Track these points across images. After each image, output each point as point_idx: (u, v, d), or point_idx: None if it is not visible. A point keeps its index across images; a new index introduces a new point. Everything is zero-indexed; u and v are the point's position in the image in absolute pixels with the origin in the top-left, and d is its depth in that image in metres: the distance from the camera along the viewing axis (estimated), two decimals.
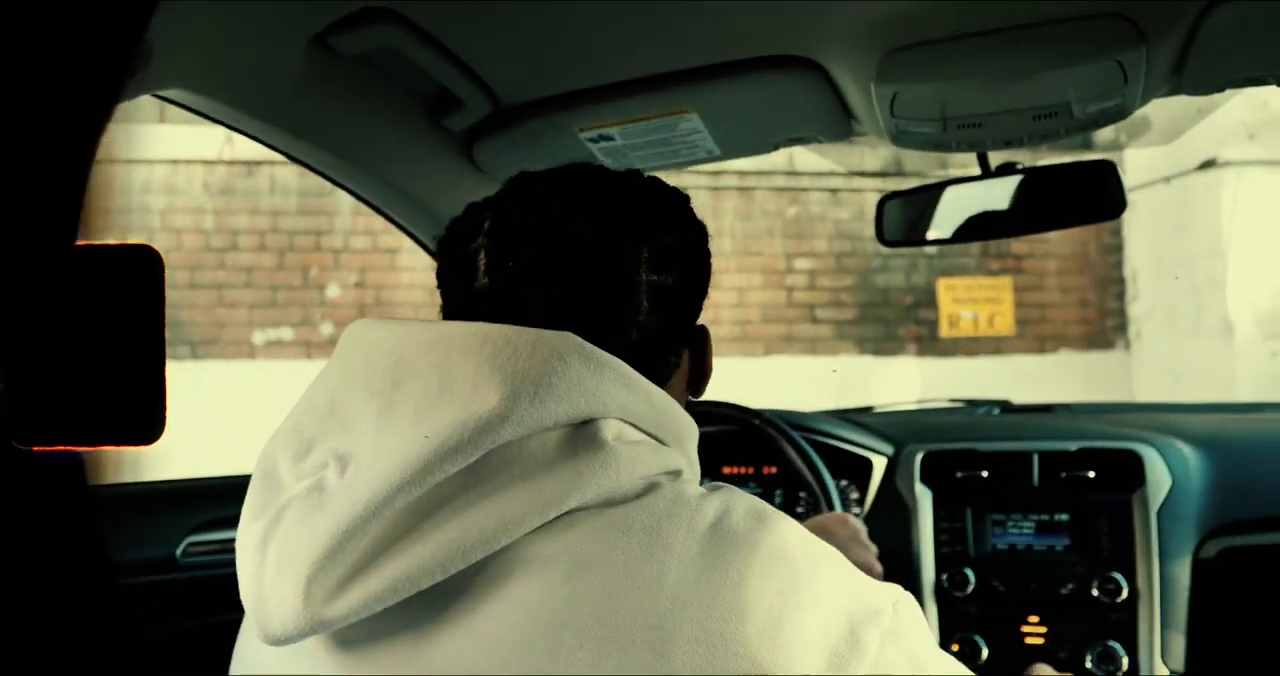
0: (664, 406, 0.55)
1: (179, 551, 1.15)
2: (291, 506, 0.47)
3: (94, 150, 0.33)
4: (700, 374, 0.64)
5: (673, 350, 0.60)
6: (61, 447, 0.32)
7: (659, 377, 0.57)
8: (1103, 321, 4.96)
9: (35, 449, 0.31)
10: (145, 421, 0.32)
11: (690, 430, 0.58)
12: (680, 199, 0.62)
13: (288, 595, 0.45)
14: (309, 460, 0.50)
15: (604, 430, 0.50)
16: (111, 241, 0.32)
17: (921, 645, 0.49)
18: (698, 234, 0.62)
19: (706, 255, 0.62)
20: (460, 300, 0.57)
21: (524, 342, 0.49)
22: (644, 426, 0.53)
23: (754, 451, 1.43)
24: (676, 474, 0.54)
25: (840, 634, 0.46)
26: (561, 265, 0.55)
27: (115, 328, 0.32)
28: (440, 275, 0.60)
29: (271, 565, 0.46)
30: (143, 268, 0.32)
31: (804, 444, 1.26)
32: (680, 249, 0.59)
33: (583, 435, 0.49)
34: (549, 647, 0.44)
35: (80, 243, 0.32)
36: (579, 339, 0.51)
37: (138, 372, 0.32)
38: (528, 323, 0.52)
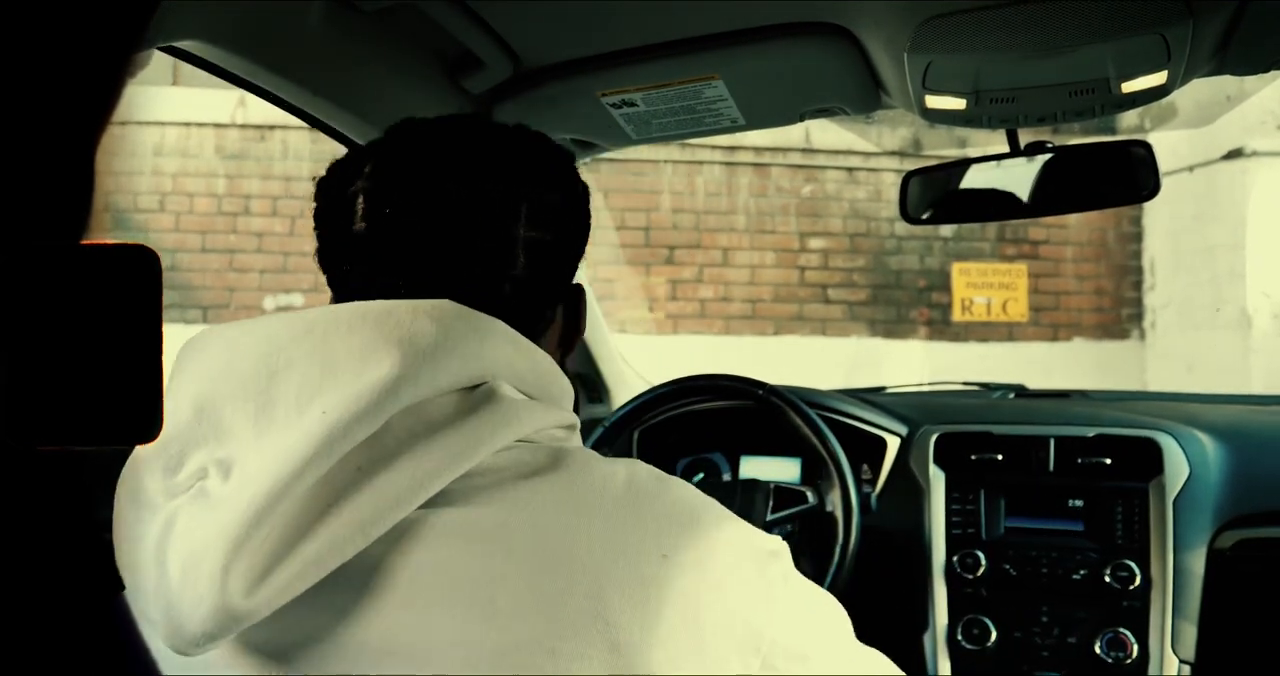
0: (547, 367, 0.56)
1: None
2: (180, 513, 0.45)
3: (95, 148, 0.32)
4: (573, 330, 0.64)
5: (548, 306, 0.60)
6: (60, 447, 0.32)
7: (533, 333, 0.57)
8: (1118, 310, 4.92)
9: (33, 448, 0.31)
10: (144, 420, 0.32)
11: (569, 392, 0.58)
12: (565, 156, 0.62)
13: (203, 592, 0.42)
14: (183, 473, 0.47)
15: (497, 389, 0.50)
16: (109, 240, 0.32)
17: (808, 583, 0.54)
18: (580, 192, 0.62)
19: (587, 215, 0.63)
20: (336, 242, 0.57)
21: (405, 312, 0.49)
22: (526, 388, 0.53)
23: (765, 433, 1.41)
24: (572, 428, 0.55)
25: (750, 571, 0.50)
26: (440, 215, 0.55)
27: (113, 327, 0.32)
28: (317, 215, 0.59)
29: (175, 569, 0.44)
30: (140, 267, 0.32)
31: (811, 413, 1.25)
32: (561, 206, 0.59)
33: (478, 395, 0.50)
34: (484, 612, 0.44)
35: (77, 241, 0.32)
36: (458, 304, 0.51)
37: (136, 372, 0.32)
38: (402, 269, 0.54)
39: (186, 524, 0.45)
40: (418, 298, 0.51)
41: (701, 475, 1.50)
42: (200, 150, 4.34)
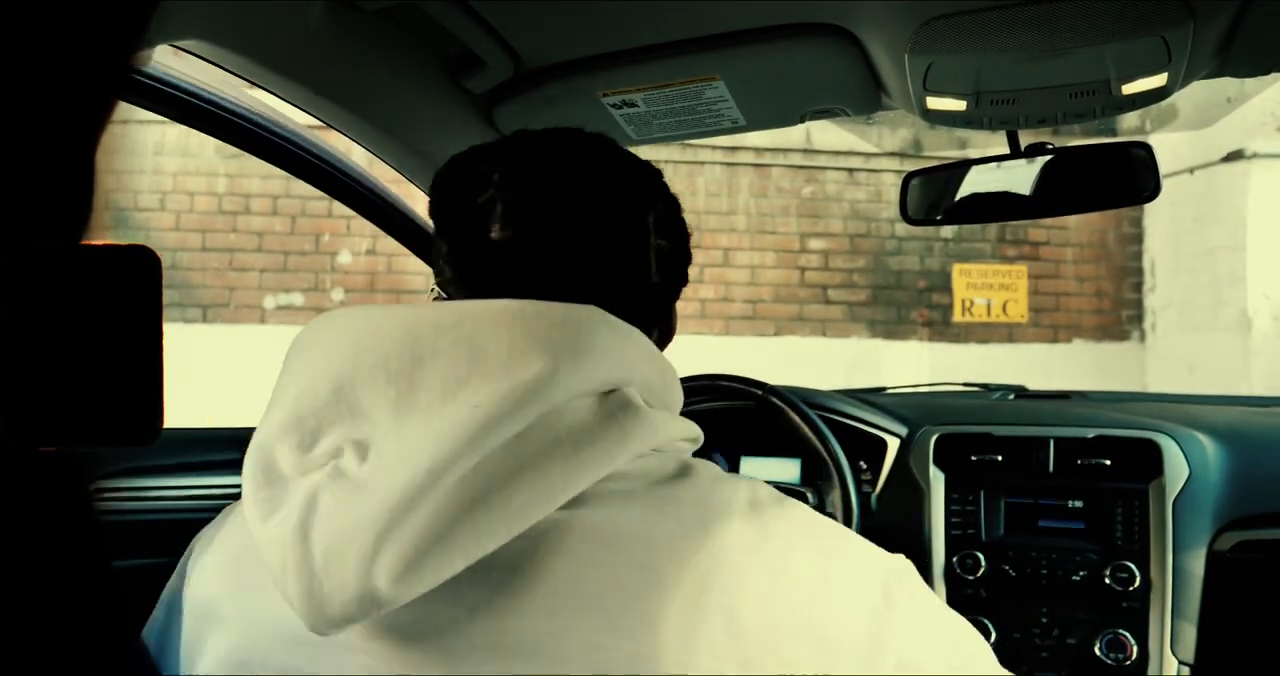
0: (671, 378, 0.57)
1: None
2: (323, 493, 0.45)
3: (96, 147, 0.32)
4: (667, 338, 0.66)
5: (666, 315, 0.63)
6: (60, 447, 0.32)
7: (646, 335, 0.59)
8: (1118, 312, 4.92)
9: (34, 449, 0.31)
10: (144, 421, 0.32)
11: (680, 401, 0.60)
12: (659, 171, 0.64)
13: (349, 575, 0.43)
14: (317, 450, 0.48)
15: (632, 397, 0.51)
16: (109, 241, 0.32)
17: (937, 602, 0.53)
18: (678, 205, 0.64)
19: (686, 227, 0.65)
20: (472, 248, 0.57)
21: (555, 314, 0.50)
22: (650, 396, 0.54)
23: (762, 434, 1.42)
24: (696, 441, 0.56)
25: (876, 592, 0.49)
26: (582, 226, 0.56)
27: (113, 327, 0.32)
28: (443, 218, 0.59)
29: (320, 549, 0.44)
30: (140, 268, 0.32)
31: (810, 413, 1.25)
32: (671, 217, 0.62)
33: (614, 401, 0.50)
34: (619, 620, 0.45)
35: (79, 243, 0.32)
36: (604, 312, 0.52)
37: (136, 372, 0.32)
38: (548, 276, 0.55)
39: (331, 505, 0.45)
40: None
41: None
42: (200, 149, 4.34)
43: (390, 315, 0.50)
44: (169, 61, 0.94)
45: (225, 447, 1.26)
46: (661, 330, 0.64)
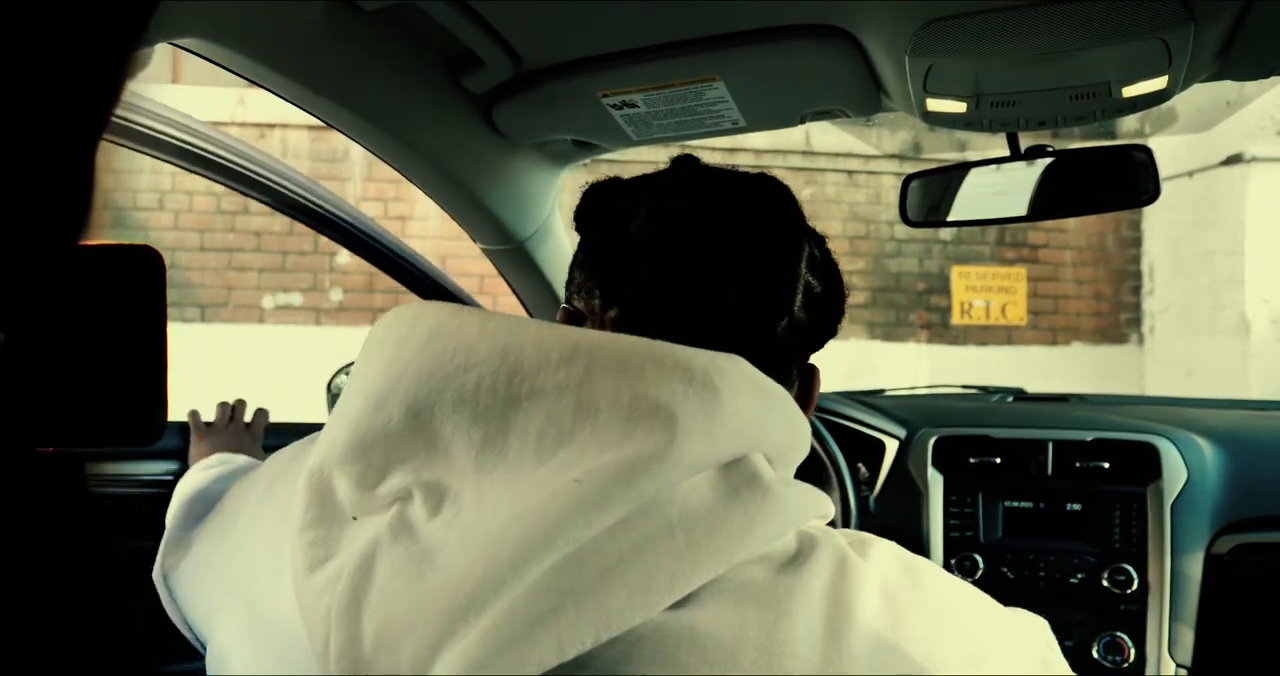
0: (805, 437, 0.48)
1: None
2: (382, 553, 0.38)
3: (96, 147, 0.32)
4: (808, 399, 0.59)
5: (803, 361, 0.57)
6: (61, 448, 0.32)
7: (784, 386, 0.50)
8: (1116, 315, 4.92)
9: (35, 449, 0.31)
10: (146, 422, 0.32)
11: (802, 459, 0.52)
12: (819, 235, 0.61)
13: (402, 669, 0.36)
14: (383, 488, 0.41)
15: (760, 469, 0.42)
16: (109, 239, 0.32)
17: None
18: (828, 249, 0.60)
19: (839, 273, 0.60)
20: (619, 283, 0.51)
21: (691, 364, 0.41)
22: (777, 460, 0.45)
23: None
24: (827, 517, 0.48)
25: (1033, 664, 0.45)
26: (728, 249, 0.51)
27: (116, 328, 0.31)
28: (591, 256, 0.54)
29: (372, 631, 0.37)
30: (143, 268, 0.32)
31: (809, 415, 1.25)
32: (825, 262, 0.58)
33: (740, 474, 0.41)
34: None
35: (81, 242, 0.32)
36: (748, 364, 0.44)
37: (138, 373, 0.31)
38: (686, 304, 0.48)
39: (390, 576, 0.38)
40: (693, 331, 0.46)
41: None
42: None
43: (488, 328, 0.42)
44: (148, 102, 0.97)
45: None
46: (802, 385, 0.57)
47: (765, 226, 0.52)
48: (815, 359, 0.60)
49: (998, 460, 1.30)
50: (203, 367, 3.62)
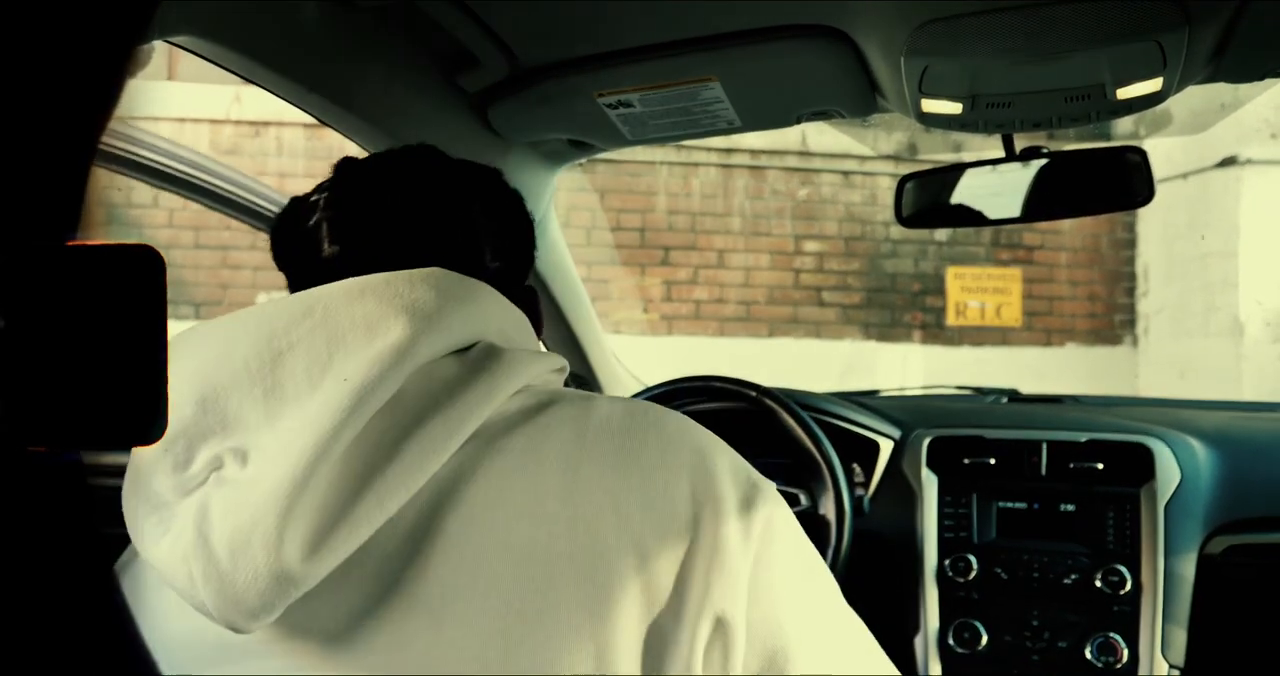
0: (527, 329, 0.59)
1: None
2: (212, 500, 0.45)
3: (95, 146, 0.32)
4: (537, 324, 0.66)
5: (522, 299, 0.63)
6: (61, 449, 0.32)
7: None
8: (1111, 316, 4.93)
9: (35, 449, 0.31)
10: (146, 422, 0.32)
11: (539, 346, 0.62)
12: (491, 169, 0.66)
13: (259, 562, 0.43)
14: (194, 467, 0.47)
15: (490, 346, 0.52)
16: (110, 241, 0.32)
17: (794, 528, 0.55)
18: (515, 195, 0.66)
19: (528, 216, 0.67)
20: (308, 272, 0.59)
21: (403, 281, 0.50)
22: (510, 344, 0.55)
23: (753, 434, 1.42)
24: (562, 370, 0.58)
25: (744, 483, 0.52)
26: (408, 221, 0.58)
27: (115, 328, 0.31)
28: (281, 259, 0.62)
29: (224, 547, 0.43)
30: (143, 267, 0.31)
31: (804, 415, 1.25)
32: (505, 204, 0.64)
33: (477, 352, 0.51)
34: (540, 564, 0.46)
35: (80, 242, 0.31)
36: (449, 271, 0.53)
37: (138, 373, 0.31)
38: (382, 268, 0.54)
39: (224, 506, 0.44)
40: None
41: None
42: (195, 146, 4.32)
43: (243, 319, 0.50)
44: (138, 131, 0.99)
45: None
46: (526, 309, 0.63)
47: (434, 201, 0.60)
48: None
49: (992, 461, 1.31)
50: None
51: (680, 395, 1.36)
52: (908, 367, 4.62)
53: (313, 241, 0.59)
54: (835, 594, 0.55)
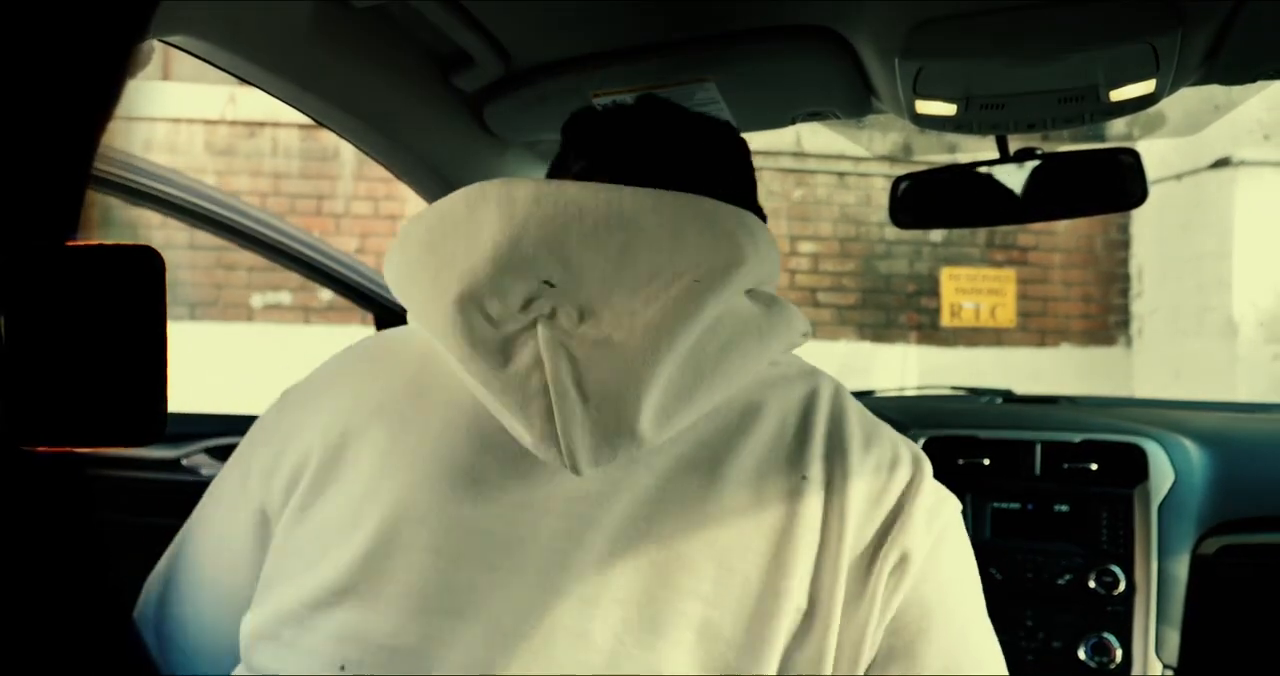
0: (776, 279, 0.67)
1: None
2: (575, 349, 0.51)
3: (95, 146, 0.32)
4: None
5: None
6: (61, 448, 0.32)
7: None
8: (1105, 317, 4.94)
9: (35, 449, 0.31)
10: (146, 422, 0.32)
11: None
12: (727, 125, 0.77)
13: (622, 421, 0.49)
14: (531, 307, 0.52)
15: (773, 293, 0.61)
16: (109, 241, 0.32)
17: None
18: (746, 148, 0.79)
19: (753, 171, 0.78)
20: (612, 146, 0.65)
21: (733, 216, 0.57)
22: (770, 286, 0.63)
23: None
24: (807, 334, 0.65)
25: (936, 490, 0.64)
26: (680, 163, 0.66)
27: (116, 328, 0.32)
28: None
29: (595, 399, 0.50)
30: (143, 267, 0.32)
31: None
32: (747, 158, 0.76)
33: (763, 296, 0.59)
34: (791, 458, 0.56)
35: (80, 242, 0.32)
36: (756, 217, 0.60)
37: (139, 373, 0.32)
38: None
39: (590, 360, 0.50)
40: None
41: None
42: (190, 146, 4.31)
43: (588, 190, 0.55)
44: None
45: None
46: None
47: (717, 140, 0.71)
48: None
49: (986, 461, 1.31)
50: (191, 366, 3.60)
51: None
52: (902, 368, 4.63)
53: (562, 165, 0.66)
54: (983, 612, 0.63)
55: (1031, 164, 1.13)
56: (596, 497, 0.52)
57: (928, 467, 0.62)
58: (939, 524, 0.58)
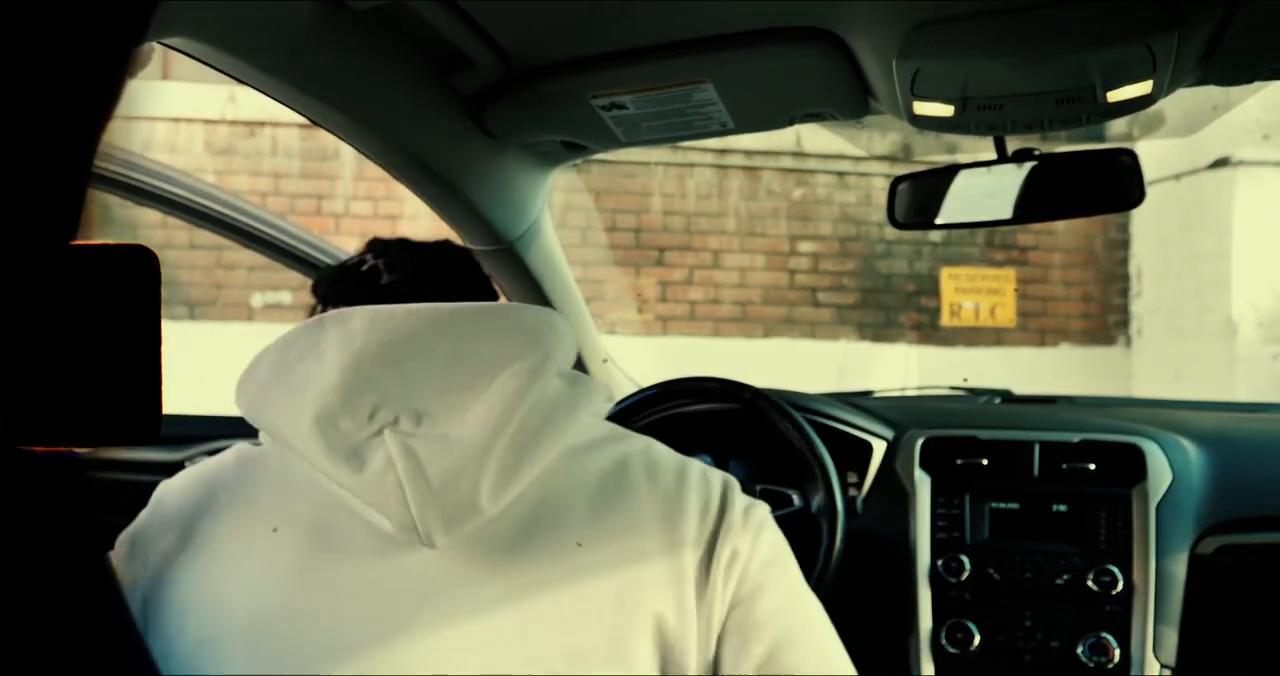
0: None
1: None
2: (417, 447, 0.60)
3: (96, 146, 0.32)
4: None
5: None
6: (60, 448, 0.32)
7: None
8: (1105, 317, 4.94)
9: (33, 449, 0.31)
10: (144, 421, 0.32)
11: None
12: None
13: (462, 498, 0.58)
14: (376, 419, 0.60)
15: (575, 372, 0.70)
16: (106, 240, 0.32)
17: None
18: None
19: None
20: (368, 295, 0.72)
21: (531, 316, 0.67)
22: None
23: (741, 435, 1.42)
24: (610, 399, 0.74)
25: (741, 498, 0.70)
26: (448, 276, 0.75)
27: (112, 327, 0.32)
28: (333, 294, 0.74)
29: (438, 483, 0.58)
30: (139, 267, 0.32)
31: (797, 416, 1.25)
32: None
33: (568, 375, 0.68)
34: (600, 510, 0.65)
35: (76, 242, 0.32)
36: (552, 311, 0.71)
37: (135, 372, 0.32)
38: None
39: (431, 454, 0.59)
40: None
41: None
42: (189, 146, 4.31)
43: (412, 311, 0.64)
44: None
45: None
46: None
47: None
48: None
49: (985, 461, 1.31)
50: (191, 366, 3.60)
51: (674, 396, 1.36)
52: (902, 368, 4.63)
53: (371, 275, 0.73)
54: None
55: (1029, 165, 1.13)
56: (452, 568, 0.62)
57: (735, 483, 0.72)
58: (754, 521, 0.68)
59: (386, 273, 0.74)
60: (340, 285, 0.74)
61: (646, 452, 0.70)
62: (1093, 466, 1.27)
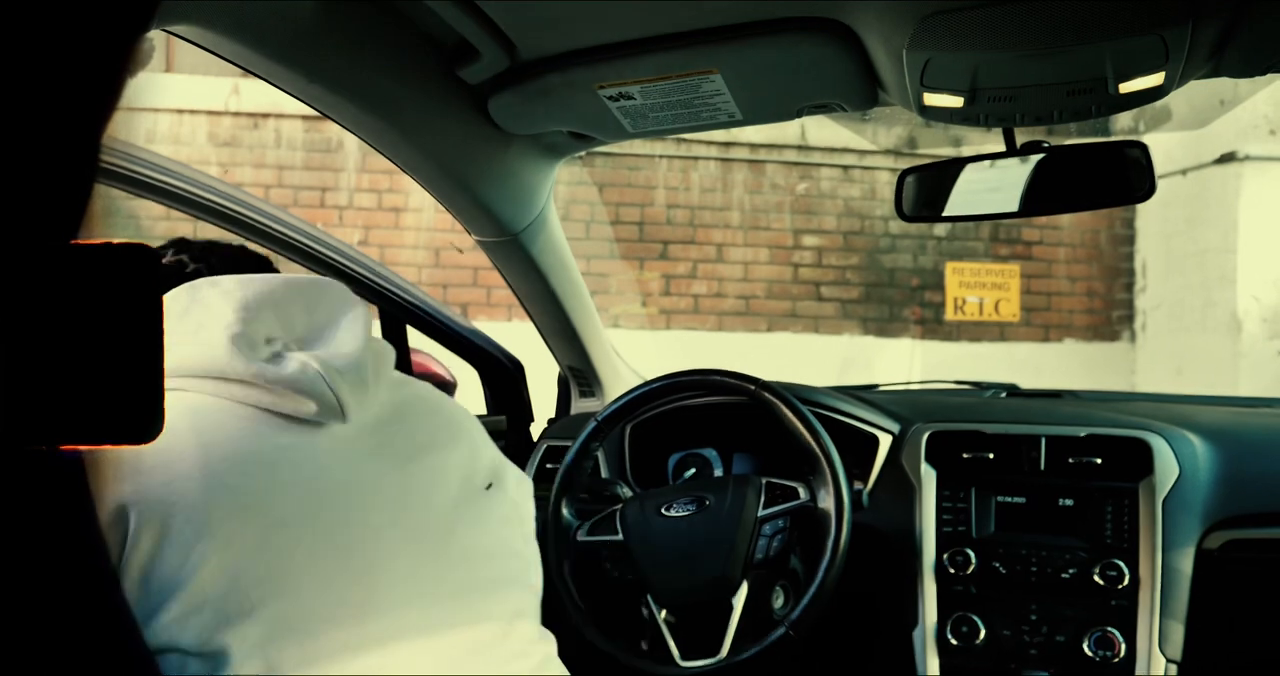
0: None
1: None
2: (319, 357, 0.73)
3: (98, 145, 0.32)
4: None
5: None
6: (60, 447, 0.32)
7: None
8: (1109, 312, 4.94)
9: (33, 448, 0.31)
10: (143, 420, 0.32)
11: None
12: None
13: (362, 380, 0.75)
14: (261, 352, 0.72)
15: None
16: (107, 235, 0.32)
17: None
18: None
19: None
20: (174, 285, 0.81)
21: (339, 288, 0.83)
22: None
23: (746, 427, 1.42)
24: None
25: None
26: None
27: (111, 326, 0.32)
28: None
29: (342, 368, 0.74)
30: (138, 265, 0.32)
31: (803, 408, 1.24)
32: None
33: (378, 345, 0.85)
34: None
35: (76, 241, 0.31)
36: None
37: (135, 371, 0.32)
38: None
39: (326, 356, 0.73)
40: None
41: (693, 470, 1.49)
42: (192, 138, 4.31)
43: (265, 279, 0.77)
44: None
45: None
46: None
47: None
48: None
49: (990, 455, 1.31)
50: None
51: (679, 389, 1.36)
52: (906, 362, 4.63)
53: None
54: None
55: (1037, 157, 1.12)
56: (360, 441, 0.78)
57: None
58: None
59: (192, 264, 0.87)
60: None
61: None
62: (1099, 460, 1.26)
